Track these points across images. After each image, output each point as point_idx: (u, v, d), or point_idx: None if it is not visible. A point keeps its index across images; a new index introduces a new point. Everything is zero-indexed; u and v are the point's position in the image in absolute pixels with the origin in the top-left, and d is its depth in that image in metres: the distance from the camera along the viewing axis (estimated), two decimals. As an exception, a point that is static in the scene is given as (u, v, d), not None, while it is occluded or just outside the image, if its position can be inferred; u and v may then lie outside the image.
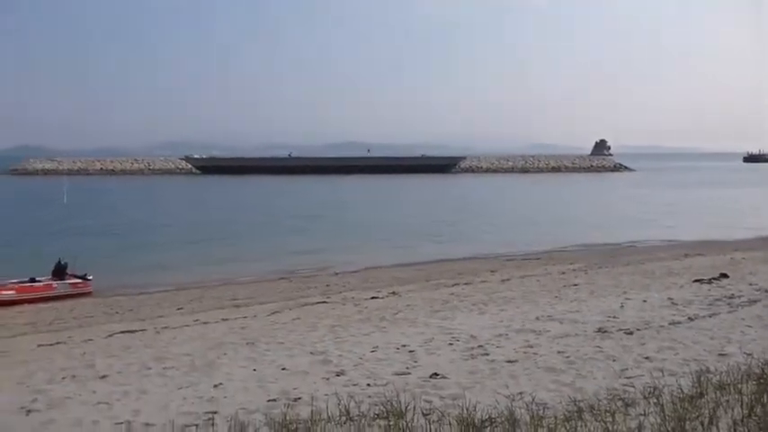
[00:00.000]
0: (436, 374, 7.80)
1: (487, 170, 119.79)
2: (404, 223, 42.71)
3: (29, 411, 7.38)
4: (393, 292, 17.93)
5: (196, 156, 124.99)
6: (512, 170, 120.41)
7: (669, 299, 12.79)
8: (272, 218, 45.92)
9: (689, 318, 10.64)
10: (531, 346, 9.17)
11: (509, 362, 8.30)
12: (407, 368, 8.34)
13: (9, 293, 20.75)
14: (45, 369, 10.18)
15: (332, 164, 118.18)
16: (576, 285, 16.49)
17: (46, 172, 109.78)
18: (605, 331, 9.89)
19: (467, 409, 5.71)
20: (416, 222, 43.46)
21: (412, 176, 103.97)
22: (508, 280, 19.34)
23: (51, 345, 12.97)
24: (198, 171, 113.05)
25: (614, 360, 7.99)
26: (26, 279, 21.73)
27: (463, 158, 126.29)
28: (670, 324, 10.20)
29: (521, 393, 6.65)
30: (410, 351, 9.39)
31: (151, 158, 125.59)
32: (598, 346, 8.85)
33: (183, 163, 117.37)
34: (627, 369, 7.50)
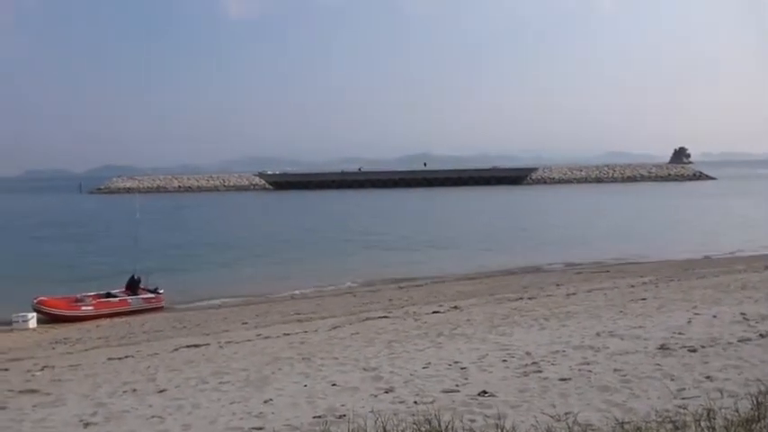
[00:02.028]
0: (485, 392, 7.67)
1: (560, 181, 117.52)
2: (473, 236, 42.36)
3: (87, 424, 7.67)
4: (455, 307, 17.76)
5: (269, 172, 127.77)
6: (585, 180, 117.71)
7: (742, 314, 12.17)
8: (341, 232, 46.36)
9: (760, 335, 10.07)
10: (588, 364, 8.90)
11: (562, 380, 8.07)
12: (457, 385, 8.23)
13: (89, 309, 21.69)
14: (110, 382, 10.56)
15: (402, 177, 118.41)
16: (643, 300, 15.90)
17: (128, 190, 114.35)
18: (667, 348, 9.49)
19: (505, 430, 5.58)
20: (487, 235, 43.00)
21: (483, 188, 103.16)
22: (574, 294, 18.85)
23: (120, 359, 13.43)
24: (271, 187, 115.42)
25: (672, 379, 7.65)
26: (103, 293, 22.66)
27: (535, 169, 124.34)
28: (739, 341, 9.69)
29: (567, 413, 6.45)
30: (462, 368, 9.27)
31: (226, 175, 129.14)
32: (658, 364, 8.50)
33: (257, 179, 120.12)
34: (684, 389, 7.17)
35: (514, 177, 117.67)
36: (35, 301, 21.25)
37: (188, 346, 14.26)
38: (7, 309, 20.66)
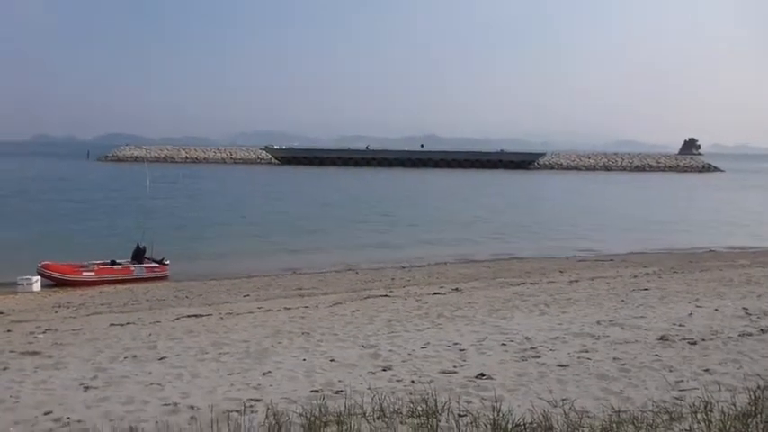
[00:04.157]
0: (482, 375, 7.70)
1: (567, 167, 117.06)
2: (479, 219, 42.27)
3: (87, 388, 7.72)
4: (456, 289, 17.79)
5: (276, 147, 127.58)
6: (593, 168, 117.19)
7: (744, 308, 12.16)
8: (346, 210, 46.35)
9: (761, 330, 10.07)
10: (587, 351, 8.91)
11: (560, 366, 8.09)
12: (455, 366, 8.26)
13: (90, 274, 21.82)
14: (111, 347, 10.63)
15: (408, 157, 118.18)
16: (646, 290, 15.90)
17: (135, 159, 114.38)
18: (668, 339, 9.49)
19: (501, 413, 5.60)
20: (492, 219, 42.92)
21: (490, 172, 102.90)
22: (576, 281, 18.86)
23: (122, 325, 13.50)
24: (277, 162, 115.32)
25: (671, 371, 7.66)
26: (107, 261, 22.74)
27: (543, 155, 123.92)
28: (739, 335, 9.69)
29: (564, 399, 6.47)
30: (461, 349, 9.29)
31: (233, 148, 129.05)
32: (657, 355, 8.51)
33: (264, 153, 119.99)
34: (682, 381, 7.17)
35: (522, 162, 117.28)
36: (40, 264, 21.37)
37: (189, 316, 14.33)
38: (14, 271, 20.74)
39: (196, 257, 26.10)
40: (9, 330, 13.46)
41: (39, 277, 20.83)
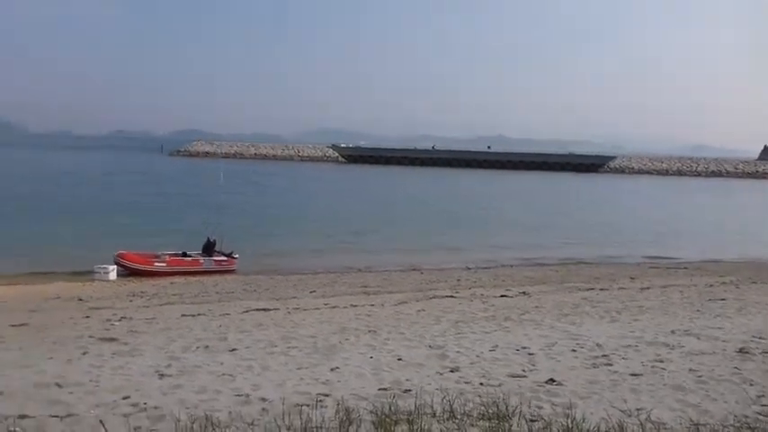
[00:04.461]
0: (552, 380, 7.56)
1: (639, 171, 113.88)
2: (545, 222, 41.65)
3: (162, 375, 7.96)
4: (523, 292, 17.56)
5: (343, 145, 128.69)
6: (666, 172, 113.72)
7: (829, 323, 11.59)
8: (411, 209, 46.42)
9: None
10: (661, 361, 8.64)
11: (633, 375, 7.87)
12: (524, 371, 8.14)
13: (161, 265, 22.51)
14: (183, 337, 10.93)
15: (475, 157, 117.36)
16: (722, 300, 15.33)
17: (206, 154, 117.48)
18: (747, 352, 9.11)
19: (575, 420, 5.49)
20: (560, 222, 42.22)
21: (558, 174, 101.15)
22: (648, 288, 18.34)
23: (193, 316, 13.87)
24: (344, 160, 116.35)
25: (752, 384, 7.35)
26: (179, 252, 23.42)
27: (613, 158, 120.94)
28: (825, 351, 9.22)
29: (639, 409, 6.29)
30: (530, 354, 9.16)
31: (301, 146, 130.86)
32: (736, 368, 8.18)
33: (331, 151, 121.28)
34: (764, 396, 6.87)
35: (591, 165, 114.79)
36: (116, 254, 22.18)
37: (258, 310, 14.61)
38: (93, 260, 21.61)
39: (263, 252, 26.55)
40: (87, 317, 14.03)
41: (115, 266, 21.61)
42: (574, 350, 9.39)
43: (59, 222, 32.38)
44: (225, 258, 23.63)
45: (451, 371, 8.17)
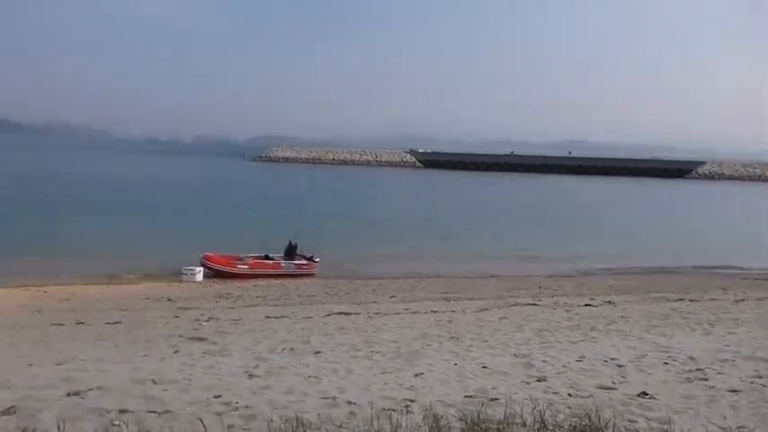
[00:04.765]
0: (645, 394, 7.30)
1: (731, 177, 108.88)
2: (628, 229, 40.46)
3: (251, 376, 8.15)
4: (608, 302, 17.09)
5: (420, 150, 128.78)
6: (759, 178, 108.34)
7: None
8: (489, 215, 46.02)
9: None
10: (760, 377, 8.21)
11: (731, 391, 7.51)
12: (613, 383, 7.91)
13: (244, 267, 23.08)
14: (268, 339, 11.18)
15: (555, 162, 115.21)
16: (825, 315, 14.47)
17: (286, 159, 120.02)
18: None
19: (674, 436, 5.28)
20: (644, 230, 40.95)
21: (642, 180, 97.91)
22: (742, 300, 17.50)
23: (277, 318, 14.17)
24: (421, 165, 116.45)
25: None
26: (262, 255, 23.97)
27: (702, 163, 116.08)
28: None
29: (741, 428, 6.00)
30: (619, 365, 8.90)
31: (378, 150, 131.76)
32: None
33: (408, 156, 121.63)
34: None
35: (678, 170, 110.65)
36: (202, 256, 22.91)
37: (339, 313, 14.79)
38: (181, 261, 22.41)
39: (343, 256, 26.82)
40: (177, 316, 14.55)
41: (201, 268, 22.31)
42: (666, 363, 9.06)
43: (149, 225, 33.78)
44: (305, 262, 24.02)
45: (538, 380, 8.03)
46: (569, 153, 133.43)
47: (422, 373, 8.30)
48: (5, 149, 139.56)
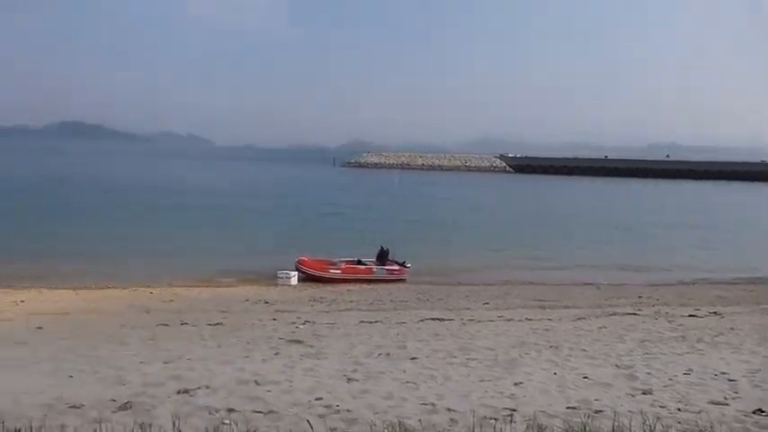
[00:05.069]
0: (761, 411, 6.91)
1: None
2: (734, 237, 38.49)
3: (349, 379, 8.26)
4: (714, 312, 16.29)
5: (510, 155, 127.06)
6: None
7: None
8: (583, 221, 44.83)
9: None
10: None
11: None
12: (725, 398, 7.53)
13: (336, 272, 23.41)
14: (364, 343, 11.29)
15: (651, 167, 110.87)
16: None
17: (375, 165, 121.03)
18: None
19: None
20: (750, 236, 38.83)
21: (748, 185, 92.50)
22: None
23: (371, 323, 14.29)
24: (511, 170, 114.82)
25: None
26: (354, 260, 24.26)
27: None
28: None
29: None
30: (730, 380, 8.47)
31: (467, 156, 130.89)
32: None
33: (498, 161, 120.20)
34: None
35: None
36: (297, 260, 23.42)
37: (433, 319, 14.76)
38: (276, 264, 23.01)
39: (434, 261, 26.74)
40: (275, 319, 14.91)
41: (296, 272, 22.80)
42: (783, 379, 8.54)
43: (246, 229, 34.96)
44: (397, 267, 24.10)
45: (644, 393, 7.75)
46: (667, 156, 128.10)
47: (521, 383, 8.18)
48: (123, 156, 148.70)
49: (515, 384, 8.08)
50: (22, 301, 17.39)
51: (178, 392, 7.35)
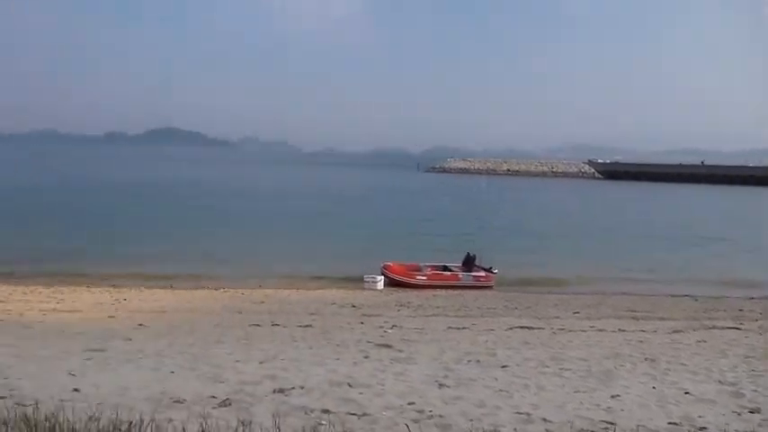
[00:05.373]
0: None
1: None
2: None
3: (441, 385, 8.24)
4: (826, 329, 15.31)
5: (600, 160, 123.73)
6: None
7: None
8: (678, 230, 43.09)
9: None
10: None
11: None
12: None
13: (422, 278, 23.40)
14: (453, 349, 11.24)
15: (753, 173, 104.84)
16: None
17: (459, 170, 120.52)
18: None
19: None
20: None
21: None
22: None
23: (458, 329, 14.22)
24: (600, 176, 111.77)
25: None
26: (440, 265, 24.21)
27: None
28: None
29: None
30: None
31: (554, 161, 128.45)
32: None
33: (586, 167, 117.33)
34: None
35: None
36: (382, 265, 23.58)
37: (521, 327, 14.55)
38: (361, 268, 23.28)
39: (521, 268, 26.30)
40: (362, 323, 15.07)
41: (382, 277, 22.95)
42: None
43: (332, 232, 35.59)
44: (484, 274, 23.86)
45: (751, 412, 7.37)
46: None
47: (618, 395, 7.93)
48: (220, 162, 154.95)
49: (612, 397, 7.85)
50: (125, 300, 18.31)
51: (274, 392, 7.53)
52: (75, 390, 7.14)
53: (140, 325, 13.92)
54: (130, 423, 5.06)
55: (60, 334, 12.42)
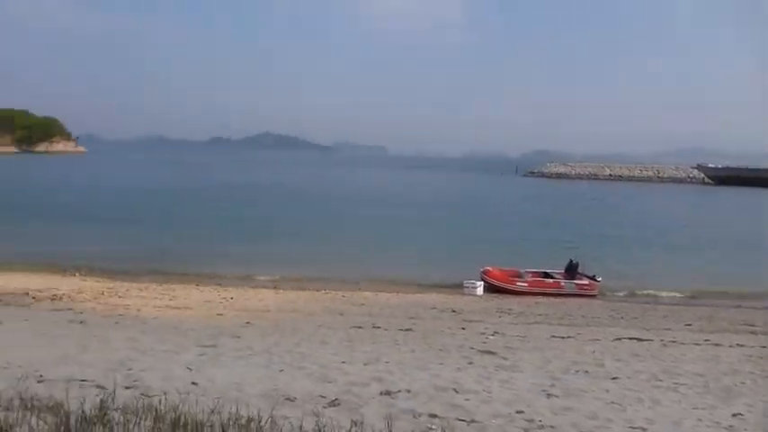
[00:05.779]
0: None
1: None
2: None
3: (549, 395, 8.04)
4: None
5: (711, 165, 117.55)
6: None
7: None
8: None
9: None
10: None
11: None
12: None
13: (523, 285, 23.02)
14: (558, 359, 10.98)
15: None
16: None
17: (559, 175, 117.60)
18: None
19: None
20: None
21: None
22: None
23: (562, 338, 13.88)
24: (710, 181, 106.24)
25: None
26: (540, 272, 23.74)
27: None
28: None
29: None
30: None
31: (660, 166, 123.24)
32: None
33: (695, 172, 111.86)
34: None
35: None
36: (482, 270, 23.36)
37: (629, 338, 14.04)
38: (460, 273, 23.17)
39: (626, 278, 25.45)
40: (463, 328, 14.99)
41: (482, 282, 22.74)
42: None
43: (430, 237, 35.64)
44: (587, 282, 23.20)
45: None
46: None
47: (740, 414, 7.49)
48: (320, 166, 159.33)
49: (734, 416, 7.42)
50: (231, 298, 19.01)
51: (381, 394, 7.57)
52: (194, 383, 7.45)
53: (247, 323, 14.41)
54: (249, 418, 5.24)
55: (174, 330, 13.03)
